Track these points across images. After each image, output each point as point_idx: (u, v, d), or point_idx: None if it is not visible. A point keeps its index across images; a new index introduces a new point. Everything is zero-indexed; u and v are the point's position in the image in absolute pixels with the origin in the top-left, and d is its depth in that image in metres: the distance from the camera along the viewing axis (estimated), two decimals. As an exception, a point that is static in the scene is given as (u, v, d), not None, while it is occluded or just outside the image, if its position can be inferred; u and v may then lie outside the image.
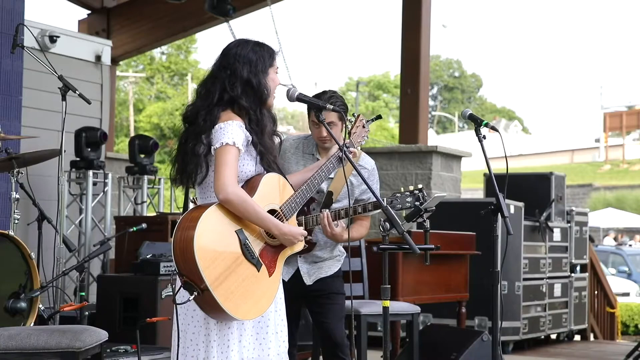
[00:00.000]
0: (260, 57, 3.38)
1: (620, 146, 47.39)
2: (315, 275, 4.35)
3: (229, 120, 3.28)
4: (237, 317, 3.23)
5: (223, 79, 3.34)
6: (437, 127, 63.10)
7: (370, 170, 4.34)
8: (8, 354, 3.75)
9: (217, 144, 3.24)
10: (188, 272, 3.15)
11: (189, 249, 3.14)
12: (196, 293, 3.15)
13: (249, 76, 3.34)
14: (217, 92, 3.33)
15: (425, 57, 9.03)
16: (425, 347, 5.38)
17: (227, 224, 3.27)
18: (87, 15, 10.63)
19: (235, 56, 3.35)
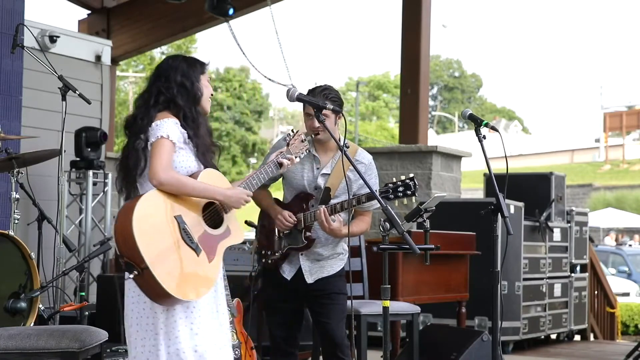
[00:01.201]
0: (191, 65, 3.64)
1: (620, 146, 47.37)
2: (317, 274, 4.35)
3: (165, 118, 3.51)
4: (177, 296, 3.33)
5: (158, 86, 3.59)
6: (437, 127, 63.11)
7: (367, 165, 4.37)
8: (8, 354, 3.75)
9: (153, 138, 3.47)
10: (128, 252, 3.29)
11: (128, 229, 3.28)
12: (136, 272, 3.28)
13: (182, 79, 3.59)
14: (152, 96, 3.58)
15: (425, 57, 9.03)
16: (425, 347, 5.38)
17: (165, 208, 3.41)
18: (87, 15, 10.62)
19: (168, 66, 3.62)
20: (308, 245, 4.31)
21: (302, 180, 4.36)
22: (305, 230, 4.31)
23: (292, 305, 4.41)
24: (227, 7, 8.68)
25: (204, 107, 3.67)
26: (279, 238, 4.38)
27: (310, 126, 4.27)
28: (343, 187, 4.28)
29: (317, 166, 4.35)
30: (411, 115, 9.03)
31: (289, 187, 4.43)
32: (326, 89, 4.31)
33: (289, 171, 4.34)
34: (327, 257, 4.37)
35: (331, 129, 4.12)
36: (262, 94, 53.52)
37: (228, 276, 4.83)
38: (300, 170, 4.37)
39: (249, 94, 51.64)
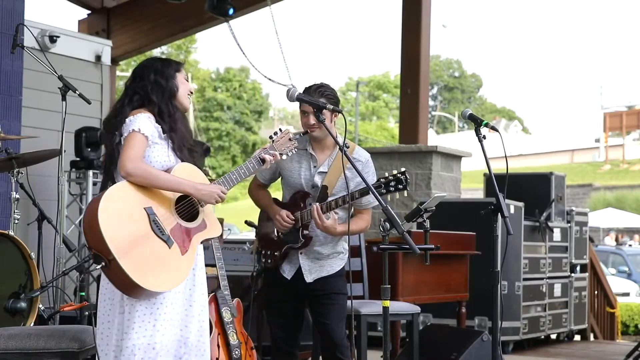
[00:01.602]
0: (165, 63, 3.71)
1: (620, 146, 47.37)
2: (317, 273, 4.35)
3: (138, 113, 3.55)
4: (146, 287, 3.30)
5: (133, 87, 3.66)
6: (437, 127, 63.12)
7: (364, 163, 4.36)
8: (8, 354, 3.75)
9: (125, 132, 3.51)
10: (95, 244, 3.29)
11: (94, 220, 3.26)
12: (104, 263, 3.28)
13: (156, 77, 3.64)
14: (127, 97, 3.64)
15: (425, 57, 9.03)
16: (425, 347, 5.37)
17: (135, 199, 3.40)
18: (87, 15, 10.62)
19: (143, 67, 3.69)
20: (306, 243, 4.31)
21: (300, 179, 4.35)
22: (302, 228, 4.31)
23: (292, 305, 4.41)
24: (227, 7, 8.67)
25: (182, 103, 3.70)
26: (278, 238, 4.38)
27: (305, 123, 4.28)
28: (340, 185, 4.29)
29: (314, 164, 4.35)
30: (411, 115, 9.03)
31: (287, 186, 4.43)
32: (321, 86, 4.30)
33: (286, 170, 4.36)
34: (326, 255, 4.37)
35: (329, 127, 4.13)
36: (262, 94, 53.53)
37: (228, 276, 4.83)
38: (297, 169, 4.37)
39: (249, 94, 51.64)
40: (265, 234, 4.47)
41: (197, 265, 3.60)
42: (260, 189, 4.53)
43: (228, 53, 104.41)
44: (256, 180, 4.53)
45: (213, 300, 4.65)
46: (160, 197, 3.47)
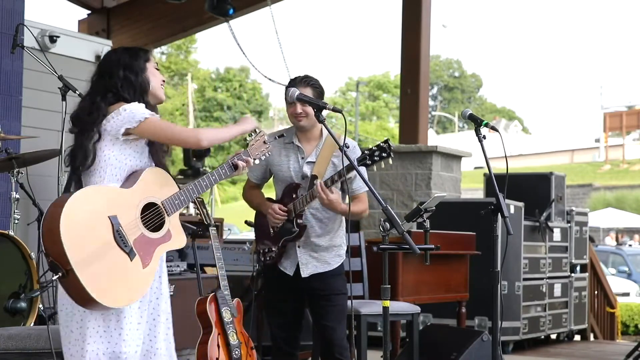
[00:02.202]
0: (133, 55, 3.50)
1: (620, 146, 47.38)
2: (314, 267, 4.34)
3: (126, 104, 3.36)
4: (103, 303, 3.14)
5: (103, 84, 3.43)
6: (437, 127, 63.12)
7: (351, 148, 4.32)
8: (8, 354, 3.75)
9: (139, 118, 3.32)
10: (54, 251, 3.11)
11: (55, 226, 3.09)
12: (60, 274, 3.10)
13: (126, 73, 3.43)
14: (99, 93, 3.41)
15: (425, 57, 9.03)
16: (425, 347, 5.37)
17: (101, 206, 3.22)
18: (87, 15, 10.62)
19: (110, 62, 3.47)
20: (300, 233, 4.31)
21: (289, 172, 4.38)
22: (296, 218, 4.32)
23: (292, 305, 4.41)
24: (227, 7, 8.67)
25: (157, 95, 3.53)
26: (274, 234, 4.38)
27: (292, 113, 4.30)
28: (329, 173, 4.29)
29: (302, 156, 4.38)
30: (411, 115, 9.03)
31: (279, 182, 4.45)
32: (306, 76, 4.35)
33: (275, 165, 4.39)
34: (324, 248, 4.35)
35: (313, 119, 4.18)
36: (262, 94, 53.56)
37: (228, 276, 4.83)
38: (285, 162, 4.39)
39: (249, 94, 51.68)
40: (262, 233, 4.47)
41: (163, 272, 3.47)
42: (253, 189, 4.55)
43: (228, 53, 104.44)
44: (249, 181, 4.54)
45: (213, 300, 4.65)
46: (126, 205, 3.29)
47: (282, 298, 4.39)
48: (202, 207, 4.85)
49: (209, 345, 4.54)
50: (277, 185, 4.47)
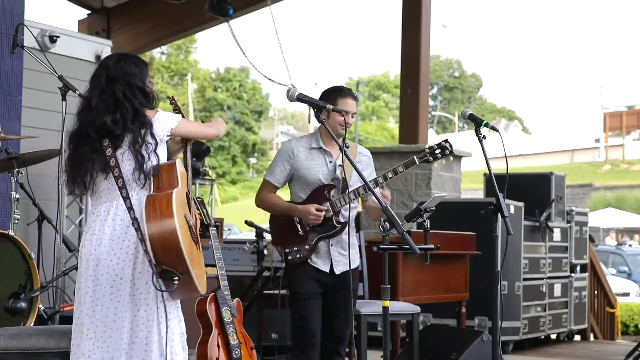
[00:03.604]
0: (142, 68, 3.66)
1: (620, 146, 47.37)
2: (343, 265, 4.47)
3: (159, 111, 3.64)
4: (202, 292, 3.48)
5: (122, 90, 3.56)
6: (437, 127, 63.11)
7: (369, 157, 4.72)
8: (8, 354, 3.75)
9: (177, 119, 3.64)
10: (171, 260, 3.30)
11: (173, 238, 3.30)
12: (176, 279, 3.29)
13: (142, 85, 3.62)
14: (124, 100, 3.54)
15: (425, 57, 9.03)
16: (425, 347, 5.37)
17: (183, 208, 3.47)
18: (87, 15, 10.62)
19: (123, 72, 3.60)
20: (342, 229, 4.46)
21: (318, 175, 4.51)
22: (334, 216, 4.46)
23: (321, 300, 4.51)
24: (227, 7, 8.67)
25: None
26: (305, 232, 4.47)
27: (342, 123, 4.45)
28: (355, 178, 4.48)
29: (330, 160, 4.54)
30: (411, 115, 9.03)
31: (303, 185, 4.54)
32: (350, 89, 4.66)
33: (303, 169, 4.52)
34: (352, 245, 4.50)
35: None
36: (262, 94, 53.53)
37: (228, 276, 4.83)
38: (313, 166, 4.52)
39: (249, 94, 51.64)
40: (286, 234, 4.54)
41: None
42: (271, 194, 4.62)
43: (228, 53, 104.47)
44: (270, 186, 4.60)
45: (213, 300, 4.66)
46: (183, 200, 3.52)
47: (317, 292, 4.48)
48: (202, 207, 4.86)
49: (209, 345, 4.54)
50: (298, 188, 4.57)
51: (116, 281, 3.46)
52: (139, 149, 3.49)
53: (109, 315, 3.45)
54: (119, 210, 3.51)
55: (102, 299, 3.46)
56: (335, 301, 4.48)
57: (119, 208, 3.51)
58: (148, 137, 3.51)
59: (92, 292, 3.47)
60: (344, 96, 4.53)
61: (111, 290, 3.46)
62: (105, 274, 3.46)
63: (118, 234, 3.48)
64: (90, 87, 3.65)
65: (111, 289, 3.46)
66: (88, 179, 3.59)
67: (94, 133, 3.53)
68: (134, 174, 3.50)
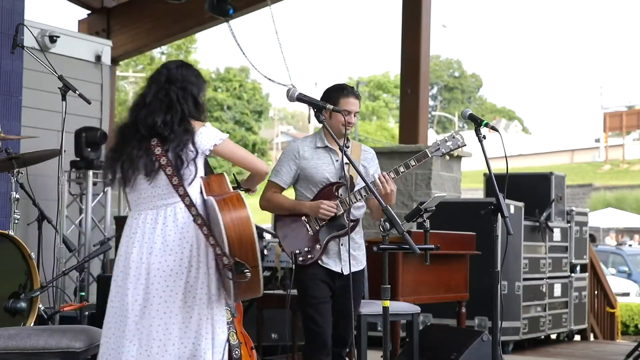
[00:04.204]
0: (202, 82, 3.71)
1: (620, 146, 47.39)
2: (353, 265, 4.42)
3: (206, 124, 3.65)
4: (260, 293, 3.50)
5: (177, 94, 3.60)
6: (437, 127, 63.09)
7: (373, 154, 4.68)
8: (8, 354, 3.75)
9: (222, 136, 3.62)
10: (243, 253, 3.37)
11: (249, 231, 3.40)
12: (247, 271, 3.35)
13: (198, 97, 3.66)
14: (178, 105, 3.58)
15: (425, 57, 9.02)
16: (425, 347, 5.37)
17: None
18: (87, 15, 10.62)
19: (183, 78, 3.65)
20: (354, 227, 4.43)
21: (325, 174, 4.47)
22: (346, 213, 4.40)
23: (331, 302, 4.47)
24: (227, 7, 8.67)
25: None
26: (315, 232, 4.42)
27: (347, 122, 4.43)
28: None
29: (336, 158, 4.49)
30: (411, 115, 9.03)
31: (310, 184, 4.50)
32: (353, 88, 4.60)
33: (310, 168, 4.47)
34: (359, 245, 4.50)
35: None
36: (262, 94, 53.53)
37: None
38: (320, 165, 4.48)
39: (249, 94, 51.64)
40: (294, 235, 4.48)
41: None
42: (277, 194, 4.57)
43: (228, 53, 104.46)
44: (274, 186, 4.55)
45: (213, 300, 4.66)
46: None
47: (327, 294, 4.42)
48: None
49: (209, 345, 4.53)
50: (305, 188, 4.52)
51: (166, 291, 3.48)
52: (180, 154, 3.52)
53: (160, 324, 3.46)
54: (168, 218, 3.52)
55: (150, 308, 3.47)
56: (344, 303, 4.39)
57: (168, 216, 3.53)
58: (190, 145, 3.53)
59: (142, 299, 3.48)
60: (346, 95, 4.48)
61: (159, 301, 3.48)
62: (156, 283, 3.47)
63: (171, 241, 3.50)
64: (149, 84, 3.67)
65: (160, 299, 3.48)
66: (130, 174, 3.57)
67: (144, 130, 3.55)
68: (179, 175, 3.53)
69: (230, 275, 3.38)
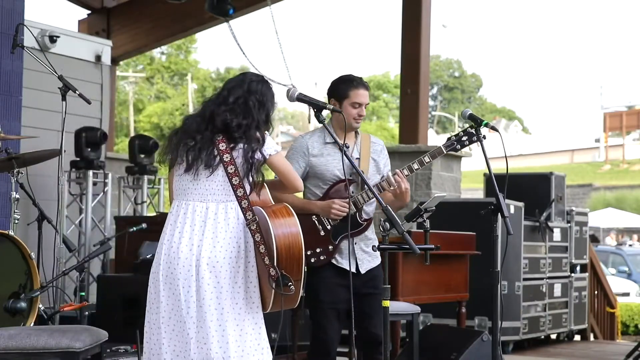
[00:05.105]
0: (274, 100, 3.80)
1: (620, 146, 47.40)
2: (368, 262, 4.37)
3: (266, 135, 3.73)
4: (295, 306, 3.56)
5: (254, 104, 3.69)
6: (437, 127, 63.09)
7: (382, 145, 4.60)
8: (8, 354, 3.75)
9: (277, 148, 3.70)
10: (289, 264, 3.41)
11: (298, 245, 3.46)
12: (291, 284, 3.38)
13: (268, 109, 3.76)
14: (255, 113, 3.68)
15: (425, 57, 9.03)
16: (425, 347, 5.37)
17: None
18: (87, 15, 10.63)
19: (262, 93, 3.75)
20: (367, 226, 4.36)
21: (334, 170, 4.36)
22: (358, 212, 4.33)
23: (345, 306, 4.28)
24: (227, 7, 8.67)
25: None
26: (326, 232, 4.33)
27: (356, 114, 4.38)
28: (372, 170, 4.44)
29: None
30: (411, 115, 9.03)
31: (319, 182, 4.39)
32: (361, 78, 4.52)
33: (320, 165, 4.37)
34: (372, 240, 4.41)
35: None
36: (262, 94, 53.50)
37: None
38: (330, 161, 4.38)
39: (249, 94, 51.62)
40: (307, 236, 4.31)
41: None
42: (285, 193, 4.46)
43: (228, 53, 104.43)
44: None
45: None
46: None
47: (341, 298, 4.27)
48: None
49: (209, 345, 4.53)
50: (314, 185, 4.41)
51: (217, 287, 3.51)
52: (249, 158, 3.58)
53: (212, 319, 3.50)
54: (220, 215, 3.56)
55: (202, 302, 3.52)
56: (367, 302, 4.31)
57: (219, 212, 3.56)
58: (258, 152, 3.61)
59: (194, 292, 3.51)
60: (356, 87, 4.39)
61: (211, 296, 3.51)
62: (207, 277, 3.50)
63: (222, 238, 3.53)
64: (230, 87, 3.74)
65: (211, 294, 3.50)
66: (192, 162, 3.62)
67: (220, 124, 3.61)
68: (244, 179, 3.59)
69: (274, 286, 3.40)
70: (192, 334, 3.49)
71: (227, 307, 3.49)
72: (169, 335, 3.55)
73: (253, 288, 3.55)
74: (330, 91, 4.48)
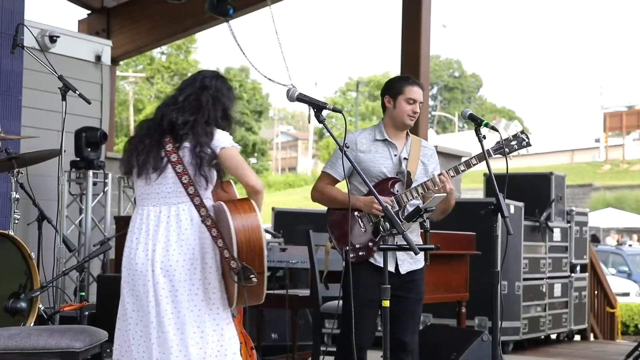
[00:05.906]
0: (233, 95, 3.78)
1: (620, 146, 47.39)
2: (409, 264, 4.33)
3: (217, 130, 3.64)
4: (262, 300, 3.53)
5: (207, 100, 3.66)
6: (437, 127, 63.08)
7: (433, 150, 4.63)
8: (8, 354, 3.75)
9: (228, 144, 3.59)
10: (251, 258, 3.38)
11: (258, 235, 3.42)
12: (253, 277, 3.36)
13: (226, 106, 3.72)
14: (206, 109, 3.64)
15: (425, 57, 9.02)
16: (425, 347, 5.37)
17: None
18: (87, 15, 10.63)
19: (216, 89, 3.71)
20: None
21: (381, 167, 4.36)
22: (400, 210, 4.30)
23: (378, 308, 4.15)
24: (227, 7, 8.66)
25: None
26: (367, 229, 4.29)
27: (410, 111, 4.40)
28: (420, 172, 4.42)
29: (395, 153, 4.41)
30: (411, 115, 9.02)
31: (366, 177, 4.27)
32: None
33: (368, 161, 4.36)
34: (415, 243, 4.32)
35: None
36: (262, 94, 53.55)
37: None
38: (378, 158, 4.38)
39: (249, 94, 51.66)
40: (346, 230, 4.29)
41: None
42: (330, 186, 4.42)
43: (228, 53, 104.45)
44: (327, 178, 4.42)
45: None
46: None
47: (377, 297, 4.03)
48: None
49: (209, 345, 4.52)
50: (359, 182, 4.36)
51: (172, 291, 3.50)
52: (199, 153, 3.53)
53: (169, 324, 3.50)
54: (172, 217, 3.54)
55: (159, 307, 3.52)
56: (402, 305, 4.25)
57: (171, 215, 3.54)
58: (206, 147, 3.54)
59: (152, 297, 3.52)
60: (411, 84, 4.47)
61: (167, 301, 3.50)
62: (162, 282, 3.50)
63: (174, 241, 3.51)
64: (182, 87, 3.72)
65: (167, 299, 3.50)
66: (142, 167, 3.60)
67: (167, 125, 3.59)
68: (196, 176, 3.54)
69: (237, 279, 3.38)
70: (154, 339, 3.50)
71: (184, 310, 3.48)
72: (137, 342, 3.57)
73: (212, 289, 3.52)
74: (385, 88, 4.51)
